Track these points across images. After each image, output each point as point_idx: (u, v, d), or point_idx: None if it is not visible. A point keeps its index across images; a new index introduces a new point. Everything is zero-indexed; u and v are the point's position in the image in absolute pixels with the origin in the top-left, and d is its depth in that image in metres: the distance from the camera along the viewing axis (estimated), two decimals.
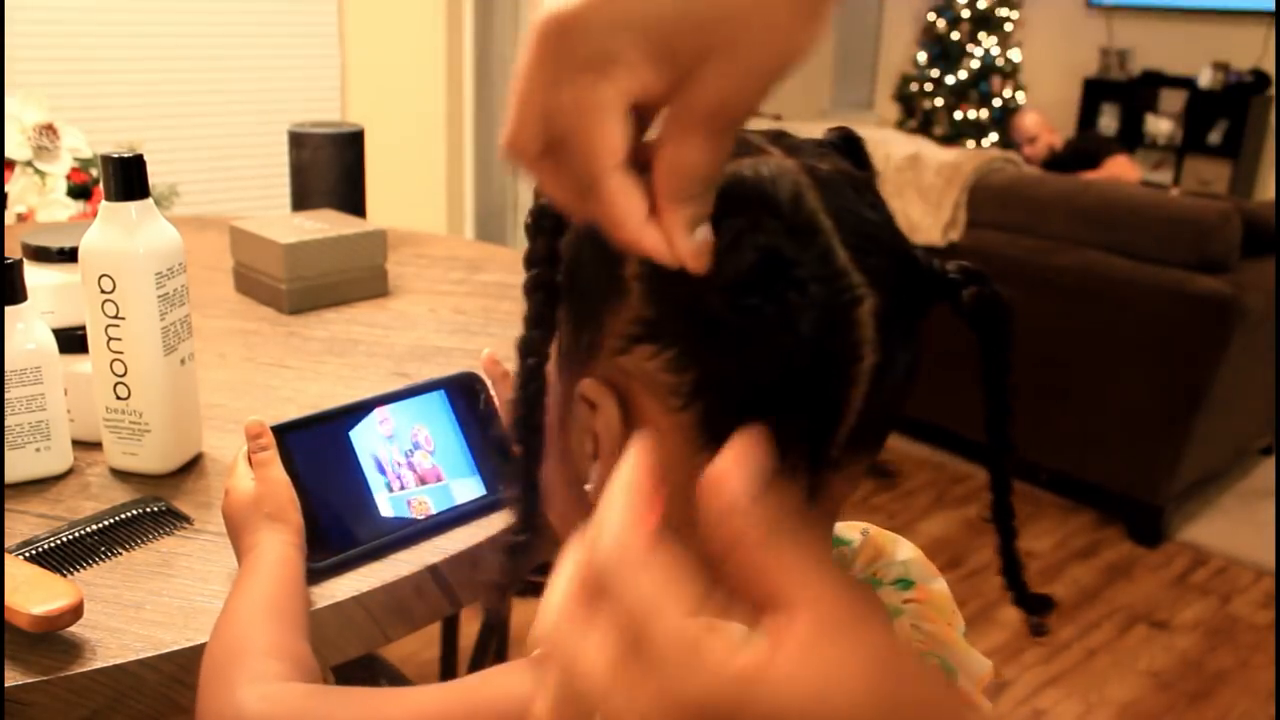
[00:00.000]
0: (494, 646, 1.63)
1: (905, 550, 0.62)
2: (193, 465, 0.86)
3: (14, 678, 0.60)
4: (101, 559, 0.72)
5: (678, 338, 0.44)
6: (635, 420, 0.46)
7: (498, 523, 0.79)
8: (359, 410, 0.79)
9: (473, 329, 1.20)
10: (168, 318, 0.79)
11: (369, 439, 0.78)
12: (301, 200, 1.41)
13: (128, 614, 0.66)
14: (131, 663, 0.62)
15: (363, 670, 1.46)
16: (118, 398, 0.80)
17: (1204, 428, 2.58)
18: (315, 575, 0.70)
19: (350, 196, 1.42)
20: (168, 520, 0.77)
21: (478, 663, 1.64)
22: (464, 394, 0.84)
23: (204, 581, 0.70)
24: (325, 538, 0.72)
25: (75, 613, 0.62)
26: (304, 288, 1.21)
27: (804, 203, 0.45)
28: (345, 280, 1.25)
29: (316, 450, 0.75)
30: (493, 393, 0.84)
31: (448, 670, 1.79)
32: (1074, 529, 2.76)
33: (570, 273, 0.48)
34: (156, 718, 0.64)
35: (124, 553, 0.73)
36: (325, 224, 1.26)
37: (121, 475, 0.83)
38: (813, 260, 0.44)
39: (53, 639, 0.63)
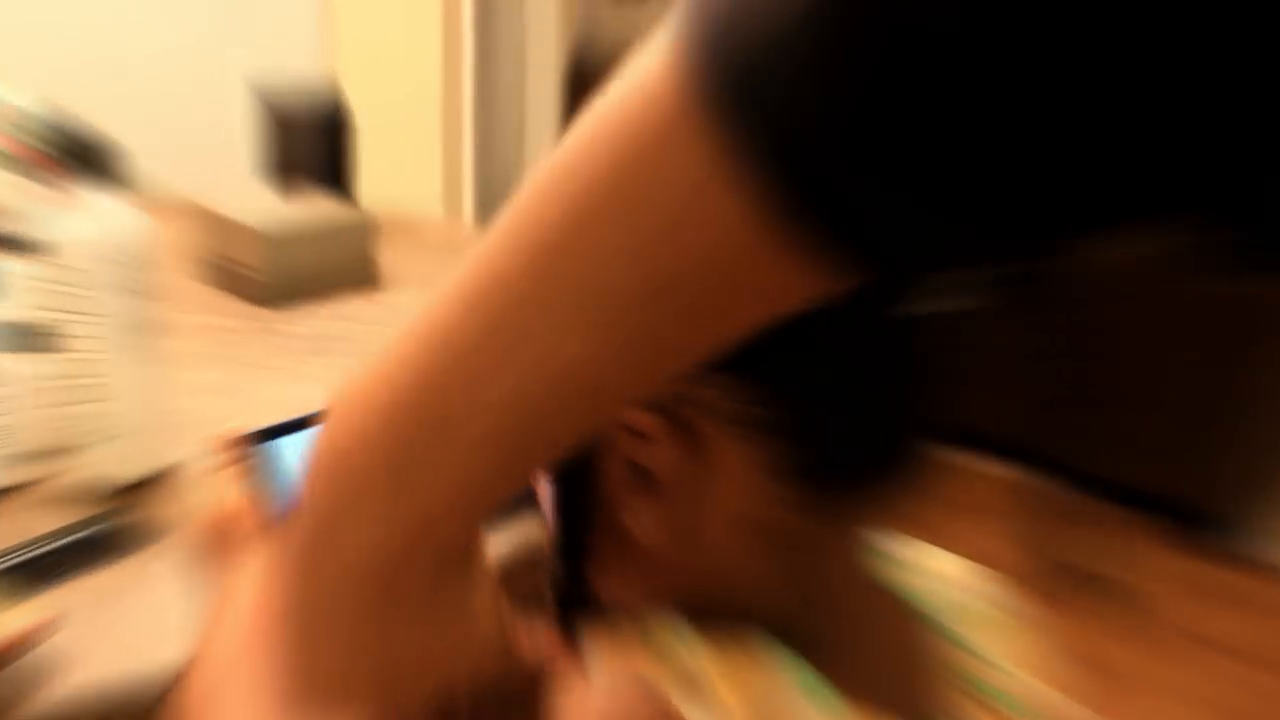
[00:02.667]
0: None
1: (965, 571, 0.64)
2: (164, 475, 0.89)
3: None
4: (66, 578, 0.75)
5: (745, 366, 0.44)
6: (697, 455, 0.46)
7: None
8: None
9: None
10: (136, 314, 0.82)
11: None
12: (278, 175, 1.44)
13: (100, 639, 0.69)
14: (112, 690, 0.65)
15: None
16: (79, 402, 0.83)
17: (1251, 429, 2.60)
18: None
19: (335, 172, 1.44)
20: (136, 535, 0.80)
21: None
22: None
23: (173, 603, 0.73)
24: None
25: (41, 634, 0.65)
26: (286, 280, 1.24)
27: None
28: (331, 272, 1.28)
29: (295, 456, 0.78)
30: None
31: None
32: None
33: None
34: None
35: (88, 573, 0.76)
36: (308, 209, 1.29)
37: (85, 486, 0.86)
38: None
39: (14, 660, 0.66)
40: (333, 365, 1.11)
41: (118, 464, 0.85)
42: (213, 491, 0.73)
